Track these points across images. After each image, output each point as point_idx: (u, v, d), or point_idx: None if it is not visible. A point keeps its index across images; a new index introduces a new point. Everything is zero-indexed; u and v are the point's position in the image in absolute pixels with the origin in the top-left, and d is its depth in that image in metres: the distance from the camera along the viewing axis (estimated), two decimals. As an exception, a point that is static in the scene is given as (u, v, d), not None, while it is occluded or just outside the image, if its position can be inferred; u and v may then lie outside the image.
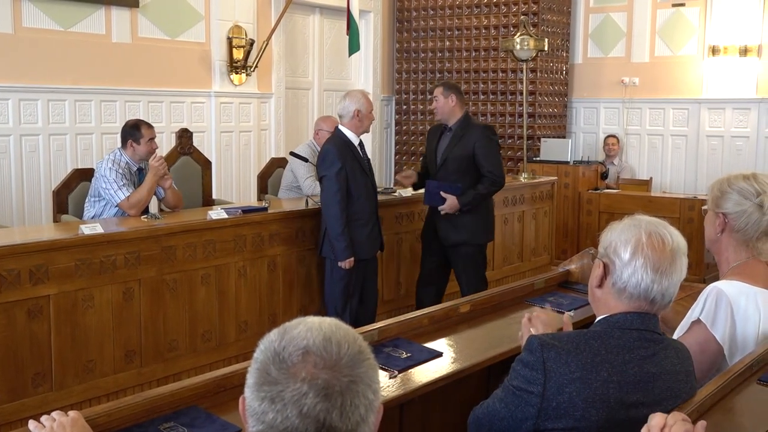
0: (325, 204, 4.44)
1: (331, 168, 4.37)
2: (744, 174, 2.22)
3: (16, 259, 3.50)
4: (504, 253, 6.31)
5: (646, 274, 1.69)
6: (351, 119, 4.49)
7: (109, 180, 4.50)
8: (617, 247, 1.72)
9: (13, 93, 5.73)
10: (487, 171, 4.77)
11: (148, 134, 4.66)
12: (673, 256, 1.71)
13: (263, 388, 1.10)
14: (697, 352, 2.05)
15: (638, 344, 1.69)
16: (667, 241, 1.71)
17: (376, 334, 2.48)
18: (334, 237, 4.38)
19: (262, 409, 1.09)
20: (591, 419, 1.59)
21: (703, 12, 8.04)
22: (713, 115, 8.09)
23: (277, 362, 1.10)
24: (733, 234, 2.20)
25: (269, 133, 7.67)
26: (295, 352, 1.11)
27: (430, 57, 8.81)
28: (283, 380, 1.09)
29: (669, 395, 1.69)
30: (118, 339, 3.91)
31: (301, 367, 1.09)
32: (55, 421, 1.50)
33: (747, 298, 2.13)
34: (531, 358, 1.64)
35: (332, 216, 4.38)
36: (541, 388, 1.61)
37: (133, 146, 4.64)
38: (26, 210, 5.89)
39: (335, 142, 4.45)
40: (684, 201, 6.92)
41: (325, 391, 1.08)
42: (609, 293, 1.74)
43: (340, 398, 1.08)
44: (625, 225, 1.76)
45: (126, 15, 6.35)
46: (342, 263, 4.40)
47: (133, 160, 4.68)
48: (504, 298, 2.97)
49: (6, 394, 3.49)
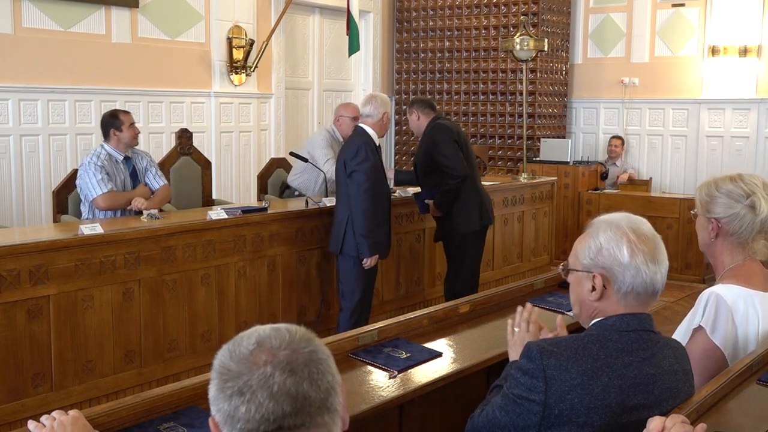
0: (356, 199, 4.37)
1: (364, 163, 4.35)
2: (730, 176, 2.18)
3: (16, 260, 3.50)
4: (504, 254, 6.31)
5: (648, 268, 1.68)
6: (378, 121, 4.52)
7: (88, 174, 4.54)
8: (612, 252, 1.69)
9: (13, 93, 5.73)
10: (443, 167, 4.83)
11: (127, 120, 4.71)
12: (656, 241, 1.71)
13: (227, 385, 1.10)
14: (703, 359, 2.04)
15: (636, 346, 1.68)
16: (645, 229, 1.72)
17: (376, 335, 2.48)
18: (364, 233, 4.34)
19: (233, 405, 1.08)
20: (594, 425, 1.58)
21: (703, 12, 8.04)
22: (713, 115, 8.09)
23: (235, 357, 1.11)
24: (728, 238, 2.17)
25: (269, 133, 7.67)
26: (249, 346, 1.12)
27: (429, 57, 8.81)
28: (245, 370, 1.09)
29: (669, 395, 1.69)
30: (117, 339, 3.90)
31: (259, 353, 1.10)
32: (56, 420, 1.49)
33: (745, 301, 2.12)
34: (530, 365, 1.62)
35: (363, 211, 4.35)
36: (542, 396, 1.59)
37: (116, 135, 4.68)
38: (26, 210, 5.89)
39: (366, 139, 4.45)
40: (684, 201, 6.92)
41: (290, 366, 1.09)
42: (612, 301, 1.71)
43: (306, 368, 1.09)
44: (604, 230, 1.72)
45: (126, 15, 6.35)
46: (369, 260, 4.39)
47: (118, 149, 4.70)
48: (504, 298, 2.97)
49: (6, 395, 3.49)
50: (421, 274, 5.55)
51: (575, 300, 1.80)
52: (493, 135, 8.47)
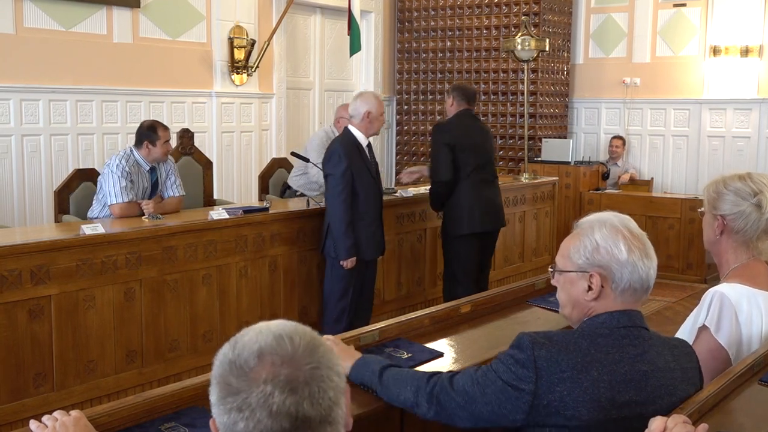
0: (329, 202, 4.44)
1: (337, 167, 4.37)
2: (739, 174, 2.21)
3: (17, 260, 3.51)
4: (505, 254, 6.30)
5: (643, 264, 1.70)
6: (361, 120, 4.49)
7: (114, 177, 4.48)
8: (610, 249, 1.70)
9: (14, 93, 5.73)
10: (430, 168, 4.99)
11: (164, 136, 4.65)
12: (644, 238, 1.74)
13: (227, 400, 1.09)
14: (709, 359, 2.04)
15: (627, 342, 1.69)
16: (633, 227, 1.74)
17: (377, 335, 2.47)
18: (338, 236, 4.38)
19: (232, 420, 1.08)
20: (582, 418, 1.60)
21: (705, 12, 8.03)
22: (714, 115, 8.09)
23: (235, 371, 1.09)
24: (732, 235, 2.18)
25: (270, 133, 7.67)
26: (250, 357, 1.10)
27: (431, 57, 8.81)
28: (245, 387, 1.08)
29: (664, 393, 1.69)
30: (119, 339, 3.91)
31: (259, 370, 1.08)
32: (57, 420, 1.49)
33: (749, 300, 2.12)
34: (522, 355, 1.64)
35: (336, 215, 4.38)
36: (532, 386, 1.61)
37: (148, 147, 4.62)
38: (27, 210, 5.89)
39: (343, 142, 4.46)
40: (685, 201, 6.92)
41: (290, 385, 1.07)
42: (609, 299, 1.72)
43: (306, 388, 1.08)
44: (598, 229, 1.73)
45: (127, 15, 6.35)
46: (344, 262, 4.40)
47: (147, 160, 4.66)
48: (505, 298, 2.97)
49: (7, 395, 3.49)
50: (422, 274, 5.55)
51: (567, 301, 1.80)
52: (495, 135, 8.45)
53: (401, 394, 1.81)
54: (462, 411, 1.70)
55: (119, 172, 4.49)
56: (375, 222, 4.55)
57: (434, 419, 1.76)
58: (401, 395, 1.81)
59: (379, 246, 4.64)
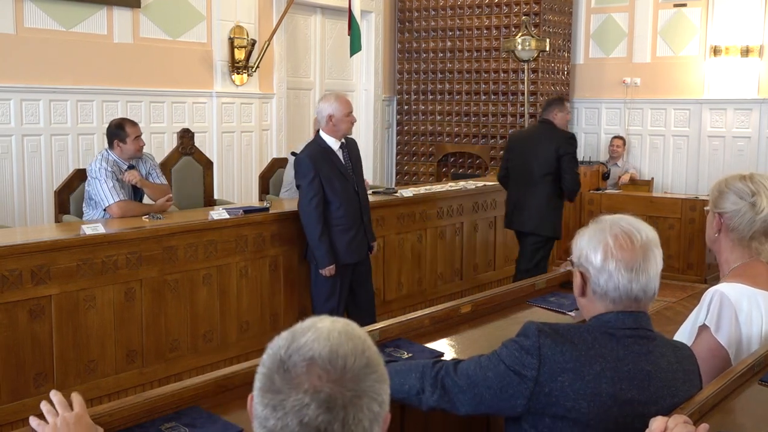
0: (301, 212, 4.39)
1: (305, 177, 4.32)
2: (742, 174, 2.24)
3: (17, 260, 3.51)
4: (505, 253, 6.30)
5: (621, 275, 1.68)
6: (326, 124, 4.40)
7: (100, 180, 4.47)
8: (588, 254, 1.72)
9: (14, 93, 5.73)
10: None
11: (133, 132, 4.63)
12: (645, 252, 1.70)
13: (267, 395, 1.10)
14: (709, 358, 2.05)
15: (632, 341, 1.70)
16: (635, 238, 1.70)
17: (378, 335, 2.47)
18: (312, 245, 4.37)
19: (265, 414, 1.09)
20: (581, 411, 1.60)
21: (705, 12, 8.03)
22: (715, 115, 8.08)
23: (282, 371, 1.10)
24: (728, 233, 2.21)
25: (271, 133, 7.67)
26: (300, 363, 1.09)
27: (431, 57, 8.81)
28: (285, 390, 1.08)
29: (666, 394, 1.69)
30: (119, 339, 3.91)
31: (304, 379, 1.08)
32: (59, 417, 1.48)
33: (749, 300, 2.13)
34: (527, 342, 1.66)
35: (308, 224, 4.36)
36: (535, 373, 1.63)
37: (120, 146, 4.61)
38: (28, 210, 5.89)
39: (309, 151, 4.38)
40: (685, 201, 6.91)
41: (327, 404, 1.07)
42: (592, 300, 1.75)
43: (342, 412, 1.07)
44: (591, 231, 1.75)
45: (128, 15, 6.36)
46: (322, 270, 4.37)
47: (122, 159, 4.65)
48: (505, 298, 2.97)
49: (8, 394, 3.49)
50: (423, 274, 5.56)
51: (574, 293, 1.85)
52: (495, 135, 8.47)
53: (406, 382, 1.81)
54: (463, 395, 1.72)
55: (103, 174, 4.48)
56: (354, 226, 4.45)
57: (437, 405, 1.77)
58: (406, 384, 1.81)
59: (362, 248, 4.54)
